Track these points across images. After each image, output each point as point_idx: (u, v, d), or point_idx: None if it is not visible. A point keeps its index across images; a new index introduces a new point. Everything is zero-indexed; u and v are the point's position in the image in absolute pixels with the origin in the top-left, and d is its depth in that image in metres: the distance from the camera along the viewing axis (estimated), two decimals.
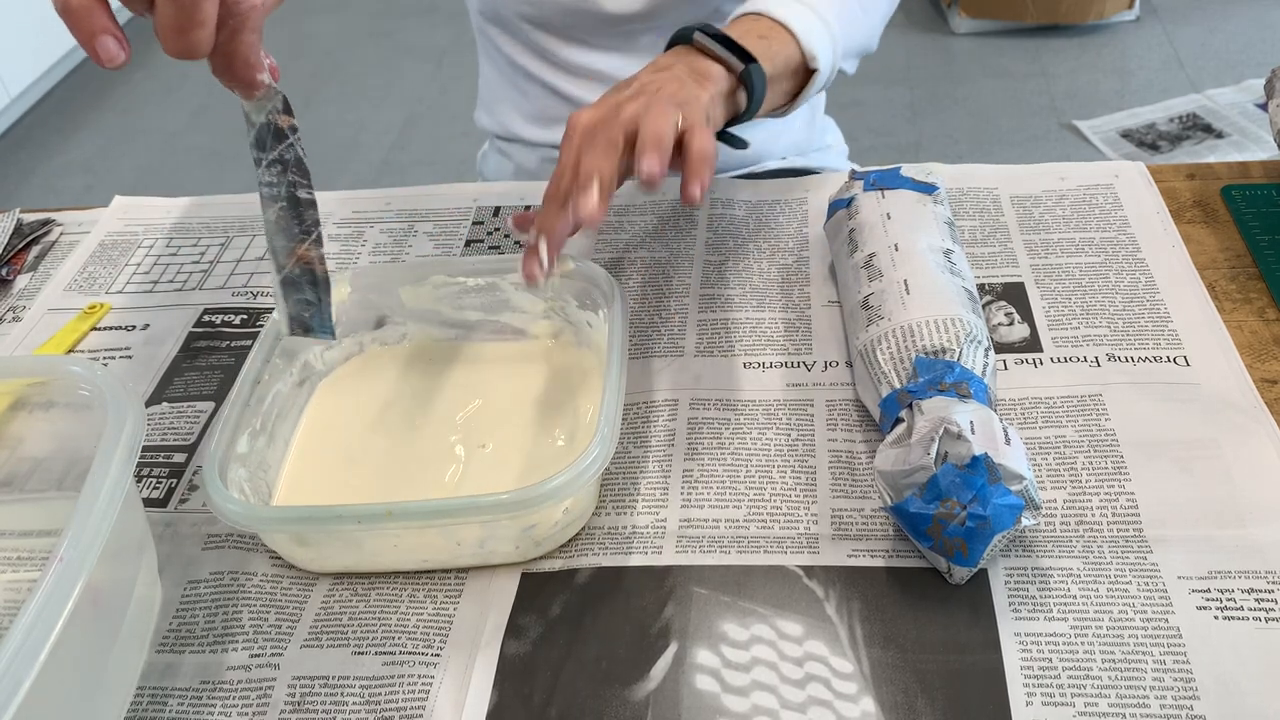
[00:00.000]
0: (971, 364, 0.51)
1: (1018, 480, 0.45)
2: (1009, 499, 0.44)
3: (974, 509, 0.44)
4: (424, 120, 2.50)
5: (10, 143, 2.58)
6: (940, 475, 0.45)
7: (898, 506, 0.46)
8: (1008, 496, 0.44)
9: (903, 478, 0.46)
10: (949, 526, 0.45)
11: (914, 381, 0.50)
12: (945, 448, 0.46)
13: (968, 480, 0.45)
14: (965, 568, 0.46)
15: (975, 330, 0.52)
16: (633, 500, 0.53)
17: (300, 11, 3.05)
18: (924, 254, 0.56)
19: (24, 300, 0.72)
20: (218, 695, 0.47)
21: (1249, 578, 0.46)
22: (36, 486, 0.52)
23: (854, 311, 0.57)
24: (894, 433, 0.49)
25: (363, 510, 0.46)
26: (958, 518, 0.44)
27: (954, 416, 0.46)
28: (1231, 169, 0.71)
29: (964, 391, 0.49)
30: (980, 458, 0.45)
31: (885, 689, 0.44)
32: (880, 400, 0.51)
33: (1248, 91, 2.16)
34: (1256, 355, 0.57)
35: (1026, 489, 0.45)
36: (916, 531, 0.46)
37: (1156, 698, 0.42)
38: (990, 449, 0.45)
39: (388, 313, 0.61)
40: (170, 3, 0.42)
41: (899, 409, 0.50)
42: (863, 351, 0.54)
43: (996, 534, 0.44)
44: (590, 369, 0.59)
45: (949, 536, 0.45)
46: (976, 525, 0.44)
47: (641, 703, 0.44)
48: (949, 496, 0.45)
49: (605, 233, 0.71)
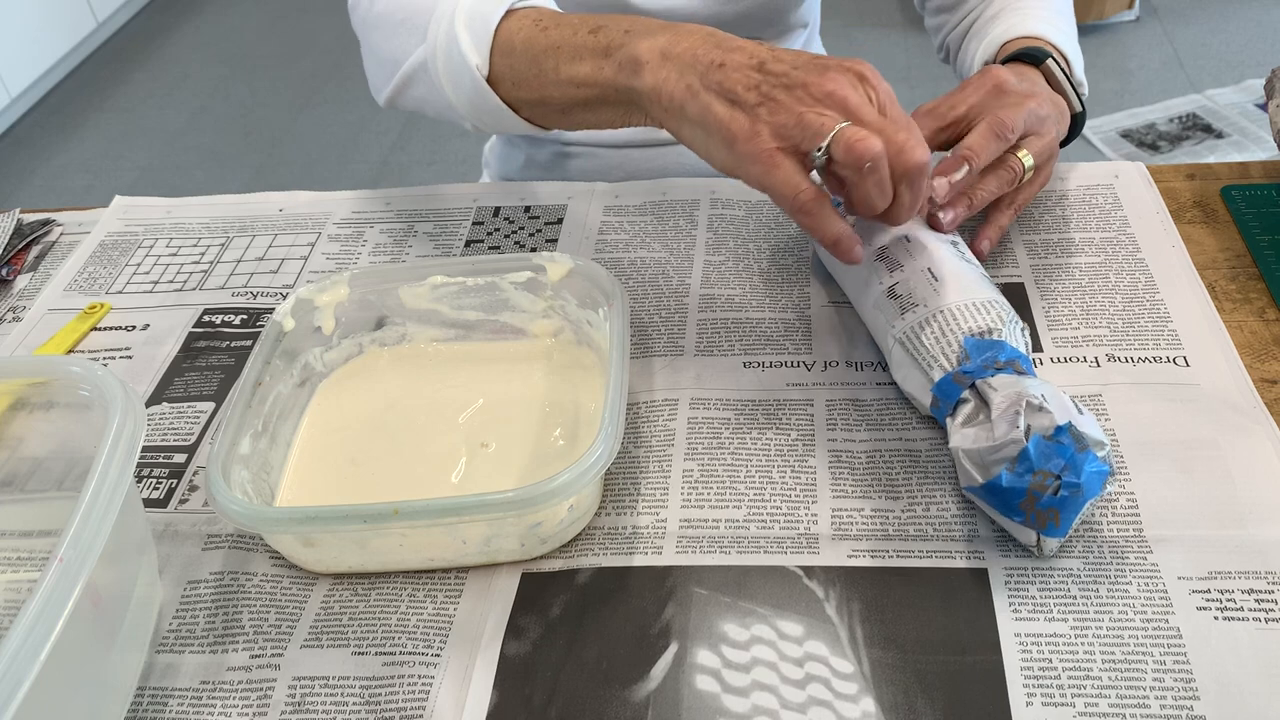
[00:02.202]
0: (1016, 343, 0.51)
1: (1100, 446, 0.46)
2: (1098, 465, 0.45)
3: (1067, 477, 0.45)
4: (424, 120, 2.50)
5: (10, 143, 2.58)
6: (1031, 447, 0.45)
7: (990, 484, 0.47)
8: (1096, 463, 0.45)
9: (990, 454, 0.47)
10: (1042, 498, 0.45)
11: (967, 363, 0.50)
12: (1029, 420, 0.46)
13: (1058, 449, 0.45)
14: (1056, 538, 0.47)
15: (1011, 311, 0.53)
16: (633, 500, 0.53)
17: (300, 11, 3.05)
18: (937, 243, 0.56)
19: (24, 300, 0.72)
20: (218, 695, 0.47)
21: (1249, 578, 0.46)
22: (36, 486, 0.52)
23: (879, 303, 0.56)
24: (962, 413, 0.49)
25: (369, 510, 0.46)
26: (1050, 488, 0.45)
27: (1030, 389, 0.47)
28: (1231, 169, 0.71)
29: (1019, 369, 0.49)
30: (1065, 426, 0.45)
31: (885, 689, 0.44)
32: (934, 384, 0.52)
33: (1248, 91, 2.16)
34: (1256, 355, 0.57)
35: (1108, 455, 0.46)
36: (1008, 507, 0.46)
37: (1156, 698, 0.42)
38: (1069, 418, 0.46)
39: (387, 313, 0.61)
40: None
41: (958, 390, 0.50)
42: (904, 339, 0.54)
43: (1088, 500, 0.45)
44: (590, 367, 0.59)
45: (1042, 508, 0.45)
46: (1070, 493, 0.45)
47: (642, 703, 0.44)
48: (1041, 468, 0.45)
49: (605, 233, 0.71)
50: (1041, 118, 0.62)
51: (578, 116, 0.59)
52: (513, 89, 0.60)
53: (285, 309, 0.58)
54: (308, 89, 2.66)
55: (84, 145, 2.55)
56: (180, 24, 3.08)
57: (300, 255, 0.73)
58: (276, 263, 0.72)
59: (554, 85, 0.58)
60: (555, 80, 0.57)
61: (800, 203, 0.50)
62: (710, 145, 0.52)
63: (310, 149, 2.45)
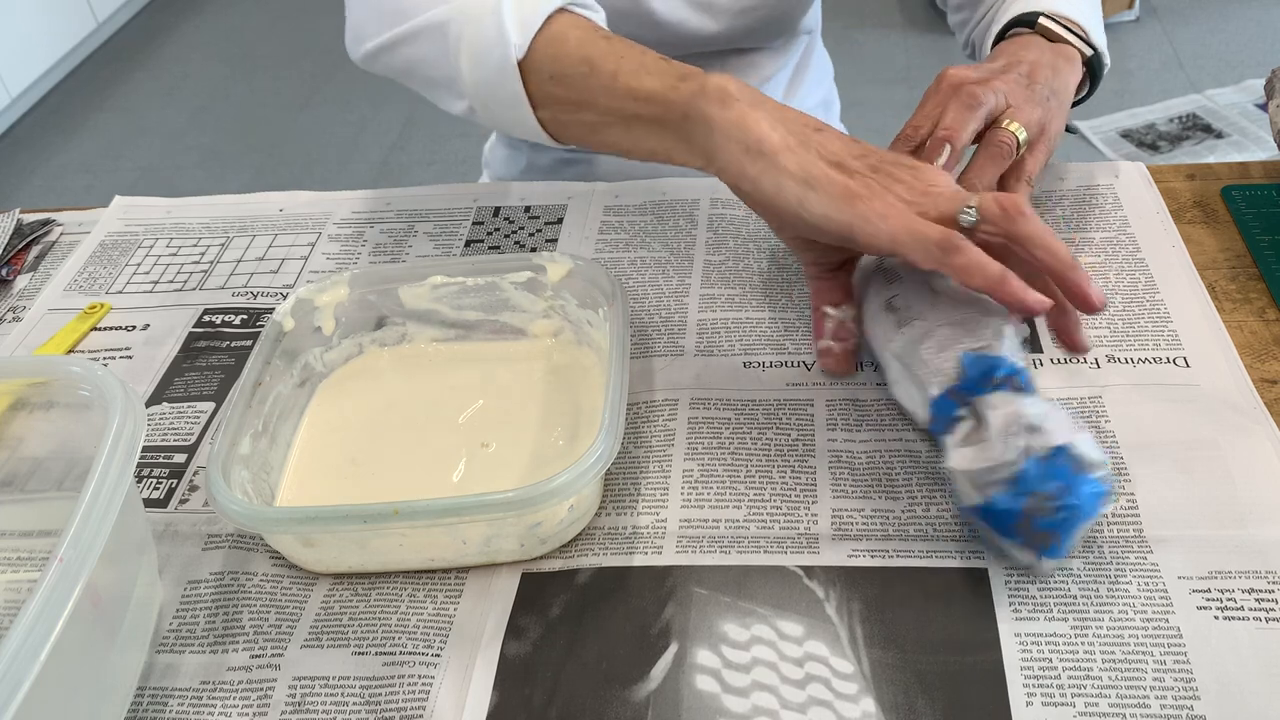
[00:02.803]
0: (1015, 358, 0.50)
1: (1099, 467, 0.45)
2: (1095, 486, 0.45)
3: (1065, 499, 0.44)
4: (424, 120, 2.50)
5: (10, 143, 2.58)
6: (1028, 468, 0.45)
7: (984, 506, 0.46)
8: (1094, 484, 0.45)
9: (987, 475, 0.46)
10: (1037, 519, 0.45)
11: (965, 379, 0.50)
12: (1027, 441, 0.46)
13: (1055, 471, 0.45)
14: (1054, 559, 0.46)
15: (1010, 325, 0.52)
16: (633, 500, 0.53)
17: (300, 11, 3.05)
18: None
19: (24, 300, 0.72)
20: (218, 695, 0.47)
21: (1249, 578, 0.46)
22: (36, 486, 0.52)
23: (877, 316, 0.56)
24: (959, 431, 0.49)
25: (370, 510, 0.46)
26: (1047, 510, 0.44)
27: (1026, 409, 0.46)
28: (1231, 169, 0.71)
29: (1016, 386, 0.49)
30: (1063, 448, 0.45)
31: (885, 689, 0.44)
32: (931, 401, 0.51)
33: (1248, 91, 2.16)
34: (1256, 355, 0.57)
35: (1106, 476, 0.45)
36: (1003, 528, 0.46)
37: (1157, 698, 0.42)
38: (1066, 439, 0.45)
39: (387, 313, 0.61)
40: None
41: (955, 407, 0.49)
42: (900, 354, 0.53)
43: (1084, 521, 0.45)
44: (590, 367, 0.59)
45: (1038, 530, 0.45)
46: (1068, 515, 0.44)
47: (642, 703, 0.44)
48: (1037, 490, 0.45)
49: (605, 233, 0.71)
50: (1023, 86, 0.60)
51: (613, 135, 0.56)
52: (549, 84, 0.56)
53: (285, 309, 0.58)
54: (308, 89, 2.66)
55: (84, 145, 2.55)
56: (180, 24, 3.08)
57: (300, 255, 0.73)
58: (276, 263, 0.72)
59: (605, 93, 0.54)
60: (609, 88, 0.54)
61: (953, 241, 0.47)
62: (811, 198, 0.49)
63: (310, 149, 2.45)
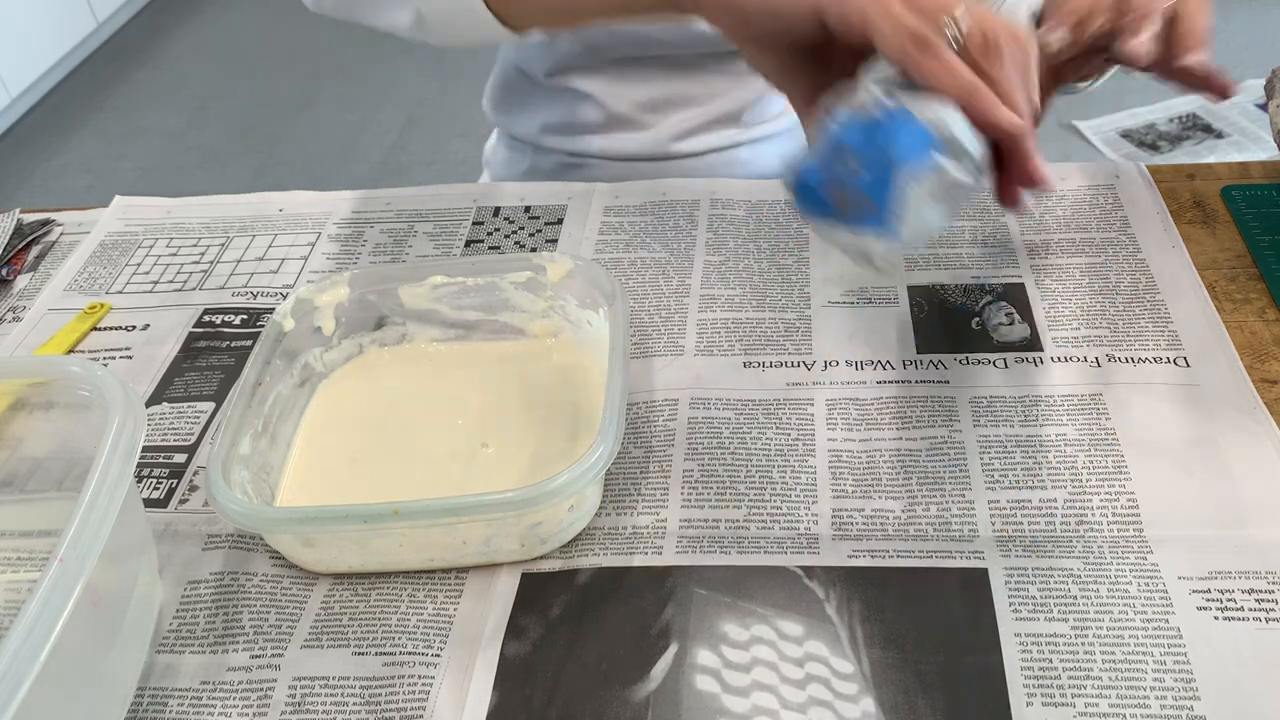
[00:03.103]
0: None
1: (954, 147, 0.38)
2: (913, 125, 0.37)
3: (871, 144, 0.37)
4: (424, 120, 2.50)
5: (10, 143, 2.58)
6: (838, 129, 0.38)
7: (796, 181, 0.39)
8: (911, 123, 0.37)
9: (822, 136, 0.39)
10: (850, 182, 0.38)
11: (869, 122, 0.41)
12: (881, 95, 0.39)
13: (870, 126, 0.38)
14: (884, 235, 0.39)
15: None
16: (633, 500, 0.53)
17: (300, 11, 3.05)
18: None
19: (24, 300, 0.72)
20: (218, 696, 0.47)
21: (1249, 578, 0.46)
22: (36, 486, 0.52)
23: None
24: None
25: (369, 510, 0.46)
26: (856, 170, 0.38)
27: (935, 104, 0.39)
28: (1231, 169, 0.71)
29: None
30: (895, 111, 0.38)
31: (885, 689, 0.44)
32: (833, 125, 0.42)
33: (1248, 91, 2.16)
34: (1256, 355, 0.57)
35: (942, 121, 0.37)
36: (822, 206, 0.39)
37: (1157, 698, 0.42)
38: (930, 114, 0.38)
39: (387, 313, 0.61)
40: None
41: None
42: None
43: (899, 167, 0.37)
44: (590, 368, 0.59)
45: (852, 193, 0.38)
46: (875, 156, 0.37)
47: (642, 703, 0.44)
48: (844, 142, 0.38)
49: (605, 233, 0.71)
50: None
51: (585, 2, 0.53)
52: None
53: (285, 309, 0.58)
54: (308, 89, 2.66)
55: (84, 145, 2.56)
56: (180, 24, 3.08)
57: (300, 255, 0.73)
58: (276, 263, 0.72)
59: None
60: None
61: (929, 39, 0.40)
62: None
63: (310, 149, 2.45)
